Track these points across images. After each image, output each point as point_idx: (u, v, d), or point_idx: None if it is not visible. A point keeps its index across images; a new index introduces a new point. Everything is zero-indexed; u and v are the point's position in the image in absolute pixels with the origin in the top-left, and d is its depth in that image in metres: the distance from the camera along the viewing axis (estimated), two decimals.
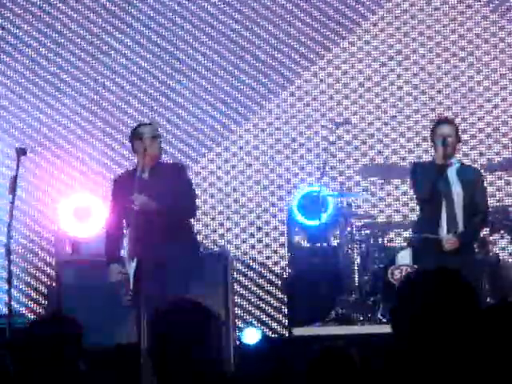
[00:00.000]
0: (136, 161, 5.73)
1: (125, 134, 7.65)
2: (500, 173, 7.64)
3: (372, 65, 8.31)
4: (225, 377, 3.09)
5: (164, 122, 8.13)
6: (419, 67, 8.32)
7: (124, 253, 5.46)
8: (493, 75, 8.13)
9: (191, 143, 8.05)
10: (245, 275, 7.34)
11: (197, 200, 6.29)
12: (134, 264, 5.46)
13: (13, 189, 6.04)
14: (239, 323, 6.87)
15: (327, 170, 7.21)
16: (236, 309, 6.76)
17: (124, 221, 5.68)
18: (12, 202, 6.00)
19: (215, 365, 2.88)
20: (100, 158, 7.94)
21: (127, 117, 8.10)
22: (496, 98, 8.11)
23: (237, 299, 6.88)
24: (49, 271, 7.32)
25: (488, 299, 6.49)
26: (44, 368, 3.26)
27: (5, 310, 6.52)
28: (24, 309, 7.31)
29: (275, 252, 7.50)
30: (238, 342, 6.43)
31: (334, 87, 8.19)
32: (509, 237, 7.22)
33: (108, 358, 5.68)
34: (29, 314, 7.19)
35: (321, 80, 8.26)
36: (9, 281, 5.95)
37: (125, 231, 5.66)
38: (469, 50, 8.23)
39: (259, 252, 7.43)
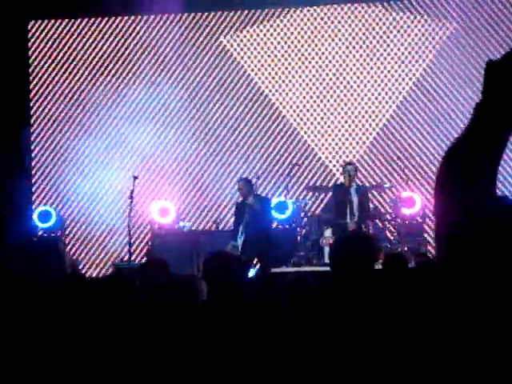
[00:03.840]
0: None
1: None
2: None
3: None
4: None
5: None
6: None
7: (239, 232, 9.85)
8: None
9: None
10: None
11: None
12: (243, 237, 9.99)
13: (131, 196, 10.54)
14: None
15: (289, 188, 11.52)
16: None
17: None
18: (130, 203, 10.51)
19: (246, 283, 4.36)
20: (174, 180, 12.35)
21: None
22: None
23: None
24: (148, 238, 11.87)
25: None
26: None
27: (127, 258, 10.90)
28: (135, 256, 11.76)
29: None
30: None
31: None
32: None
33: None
34: (137, 260, 11.48)
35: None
36: (129, 241, 10.83)
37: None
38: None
39: None
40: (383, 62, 12.38)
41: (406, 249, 10.57)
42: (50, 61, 12.92)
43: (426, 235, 11.37)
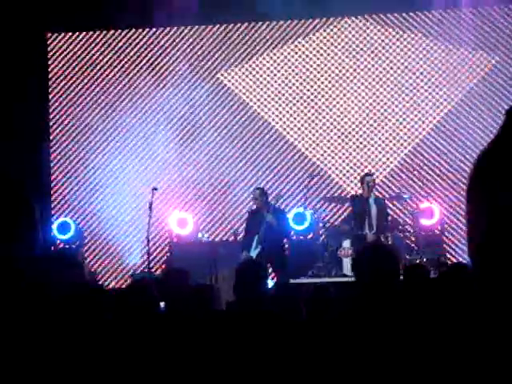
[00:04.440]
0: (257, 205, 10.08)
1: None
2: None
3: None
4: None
5: None
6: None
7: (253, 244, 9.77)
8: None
9: None
10: None
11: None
12: (258, 250, 9.89)
13: (150, 208, 10.42)
14: None
15: (308, 199, 11.54)
16: None
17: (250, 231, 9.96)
18: (150, 215, 10.40)
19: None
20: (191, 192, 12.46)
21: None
22: None
23: None
24: (167, 248, 11.96)
25: None
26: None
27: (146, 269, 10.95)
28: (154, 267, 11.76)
29: None
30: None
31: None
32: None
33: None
34: (155, 271, 11.56)
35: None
36: (148, 252, 10.74)
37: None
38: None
39: None
40: (417, 87, 12.38)
41: (425, 260, 10.50)
42: (68, 73, 13.00)
43: (445, 246, 11.32)
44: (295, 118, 12.60)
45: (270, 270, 10.29)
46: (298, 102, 12.62)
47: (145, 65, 12.81)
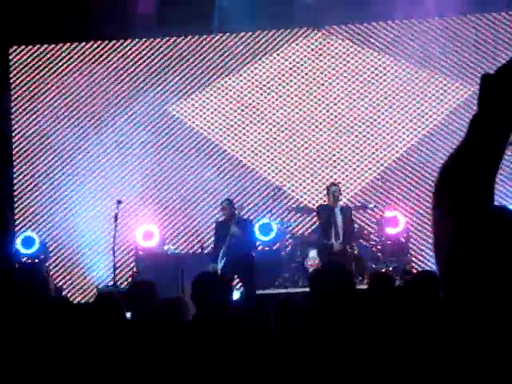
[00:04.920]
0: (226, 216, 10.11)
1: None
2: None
3: None
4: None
5: None
6: None
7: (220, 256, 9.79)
8: None
9: None
10: None
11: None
12: (223, 261, 9.84)
13: (115, 221, 10.55)
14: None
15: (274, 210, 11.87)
16: None
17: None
18: (115, 227, 10.48)
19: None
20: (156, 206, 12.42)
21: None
22: None
23: None
24: (132, 260, 11.93)
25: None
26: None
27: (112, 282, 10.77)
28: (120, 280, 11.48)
29: None
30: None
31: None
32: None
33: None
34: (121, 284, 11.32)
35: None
36: (114, 265, 10.78)
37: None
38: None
39: None
40: (393, 112, 12.46)
41: (390, 268, 10.59)
42: (31, 86, 12.91)
43: (410, 254, 11.42)
44: (271, 134, 12.59)
45: (237, 281, 10.35)
46: (270, 121, 12.62)
47: (109, 78, 12.74)
